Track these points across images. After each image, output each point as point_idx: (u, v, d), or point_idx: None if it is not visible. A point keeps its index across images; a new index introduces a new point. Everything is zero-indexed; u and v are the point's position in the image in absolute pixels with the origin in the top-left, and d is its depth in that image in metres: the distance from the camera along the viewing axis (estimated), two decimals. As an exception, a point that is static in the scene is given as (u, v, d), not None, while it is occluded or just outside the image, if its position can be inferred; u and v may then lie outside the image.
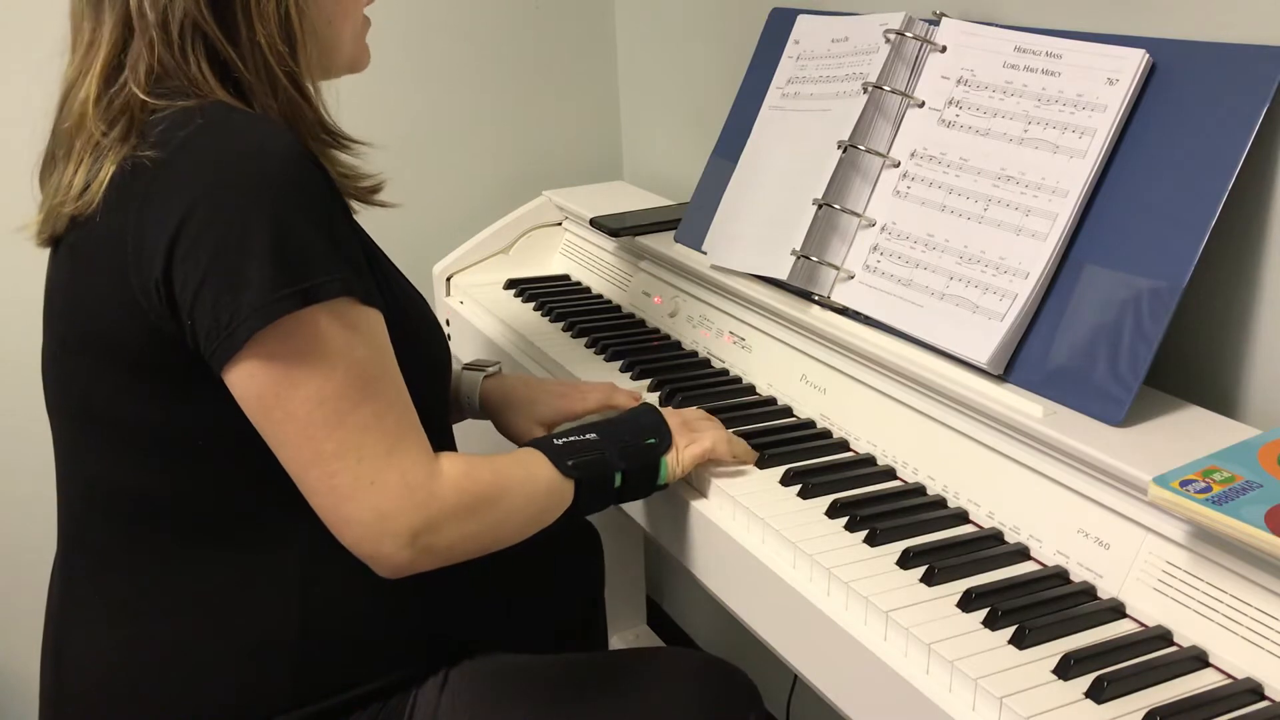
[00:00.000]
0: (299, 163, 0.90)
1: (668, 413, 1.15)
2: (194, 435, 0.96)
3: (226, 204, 0.87)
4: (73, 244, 0.97)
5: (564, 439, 1.07)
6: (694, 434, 1.13)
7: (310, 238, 0.89)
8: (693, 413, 1.18)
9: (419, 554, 0.94)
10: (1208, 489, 0.85)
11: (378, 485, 0.92)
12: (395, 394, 0.95)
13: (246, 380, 0.90)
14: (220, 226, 0.87)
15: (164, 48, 0.93)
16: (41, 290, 1.03)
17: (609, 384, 1.28)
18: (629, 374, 1.40)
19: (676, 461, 1.11)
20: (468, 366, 1.33)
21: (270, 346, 0.88)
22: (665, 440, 1.11)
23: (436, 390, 1.13)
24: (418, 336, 1.07)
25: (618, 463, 1.07)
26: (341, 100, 1.08)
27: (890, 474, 1.14)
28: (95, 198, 0.92)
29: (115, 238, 0.91)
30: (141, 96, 0.92)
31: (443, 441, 1.14)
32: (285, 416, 0.91)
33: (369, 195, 1.09)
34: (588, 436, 1.08)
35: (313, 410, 0.90)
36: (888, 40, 1.26)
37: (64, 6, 0.99)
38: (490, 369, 1.32)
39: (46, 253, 1.03)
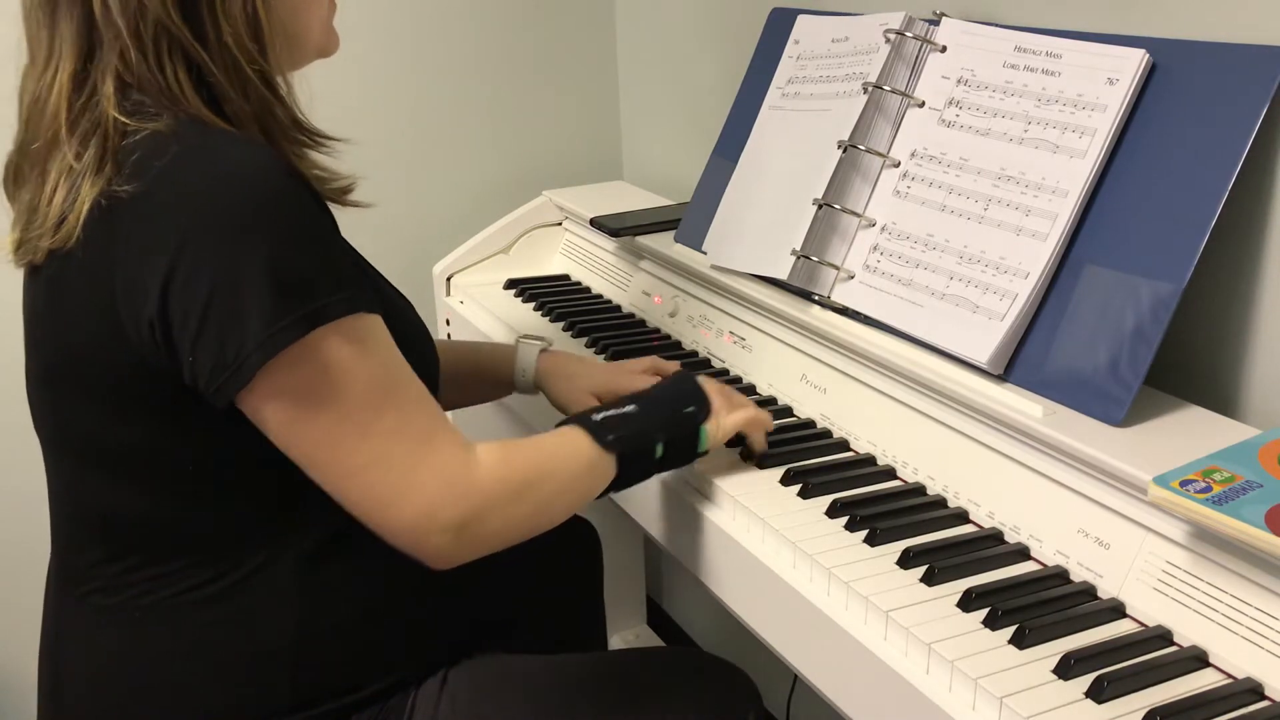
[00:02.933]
0: (282, 182, 0.88)
1: (705, 381, 1.14)
2: (182, 460, 0.95)
3: (216, 237, 0.85)
4: (52, 277, 0.94)
5: (602, 413, 1.06)
6: (732, 401, 1.13)
7: (304, 260, 0.88)
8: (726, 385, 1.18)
9: (466, 544, 0.94)
10: (1208, 489, 0.85)
11: (417, 486, 0.91)
12: (415, 393, 0.94)
13: (264, 411, 0.89)
14: (213, 261, 0.85)
15: (139, 57, 0.90)
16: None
17: (653, 359, 1.30)
18: (629, 374, 1.40)
19: (717, 428, 1.10)
20: (524, 338, 1.34)
21: (281, 376, 0.87)
22: (704, 408, 1.10)
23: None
24: (407, 342, 1.06)
25: (658, 434, 1.06)
26: (340, 101, 1.07)
27: (890, 474, 1.14)
28: (73, 232, 0.90)
29: (99, 274, 0.89)
30: (113, 114, 0.90)
31: None
32: (308, 440, 0.90)
33: (340, 196, 1.07)
34: (626, 409, 1.07)
35: (335, 429, 0.89)
36: (888, 40, 1.26)
37: (12, 12, 0.95)
38: (544, 344, 1.33)
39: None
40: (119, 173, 0.89)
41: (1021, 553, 1.00)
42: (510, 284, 1.80)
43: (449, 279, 1.86)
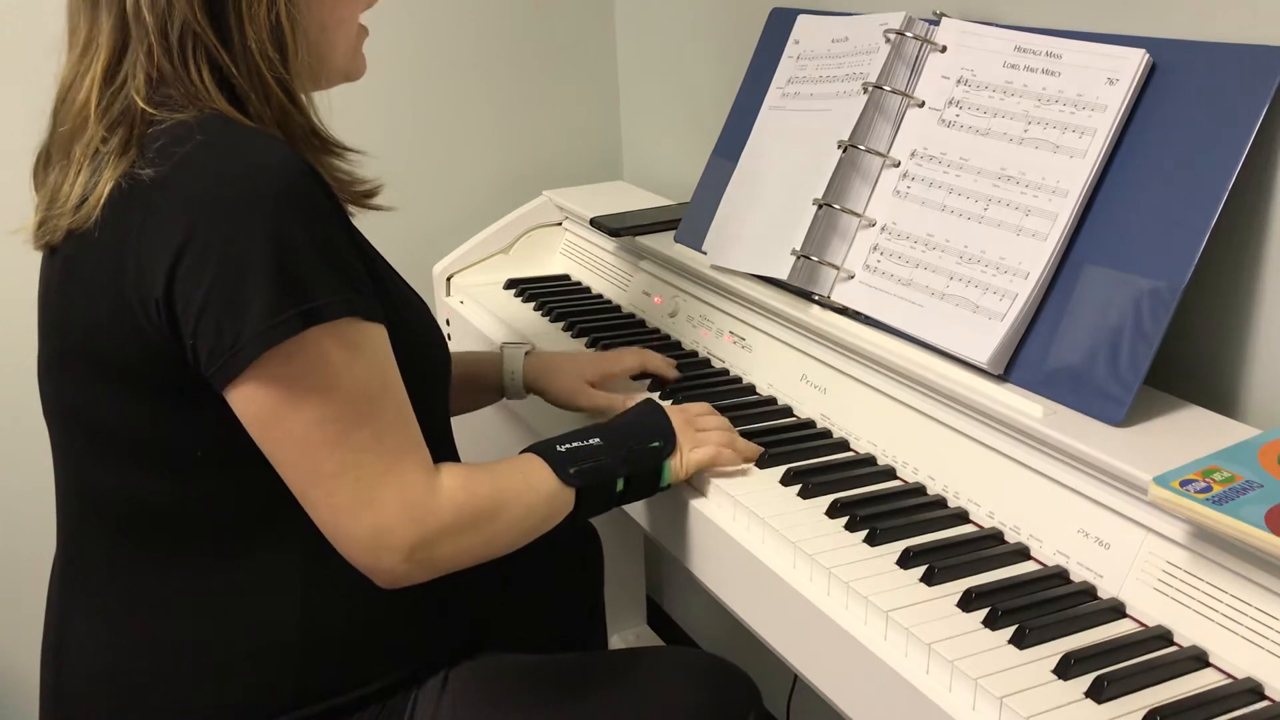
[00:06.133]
0: (298, 178, 0.90)
1: (672, 411, 1.15)
2: (191, 445, 0.96)
3: (227, 225, 0.87)
4: (68, 256, 0.96)
5: (567, 445, 1.06)
6: (699, 434, 1.13)
7: (311, 257, 0.89)
8: (697, 408, 1.18)
9: (416, 567, 0.95)
10: (1208, 489, 0.85)
11: (376, 503, 0.92)
12: (396, 410, 0.95)
13: (247, 401, 0.90)
14: (221, 248, 0.87)
15: (163, 54, 0.92)
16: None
17: (642, 349, 1.34)
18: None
19: (680, 465, 1.11)
20: (508, 344, 1.36)
21: (272, 369, 0.88)
22: (669, 443, 1.11)
23: (438, 394, 1.13)
24: (419, 340, 1.06)
25: (620, 469, 1.07)
26: (341, 101, 1.08)
27: (890, 474, 1.14)
28: (93, 213, 0.92)
29: (113, 255, 0.91)
30: (141, 105, 0.92)
31: (443, 444, 1.14)
32: (285, 436, 0.91)
33: (364, 200, 1.09)
34: (591, 441, 1.07)
35: (312, 431, 0.90)
36: (888, 40, 1.26)
37: (58, 4, 0.98)
38: (528, 346, 1.36)
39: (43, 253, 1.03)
40: (142, 156, 0.91)
41: (1021, 553, 1.00)
42: (510, 284, 1.80)
43: (449, 279, 1.86)
